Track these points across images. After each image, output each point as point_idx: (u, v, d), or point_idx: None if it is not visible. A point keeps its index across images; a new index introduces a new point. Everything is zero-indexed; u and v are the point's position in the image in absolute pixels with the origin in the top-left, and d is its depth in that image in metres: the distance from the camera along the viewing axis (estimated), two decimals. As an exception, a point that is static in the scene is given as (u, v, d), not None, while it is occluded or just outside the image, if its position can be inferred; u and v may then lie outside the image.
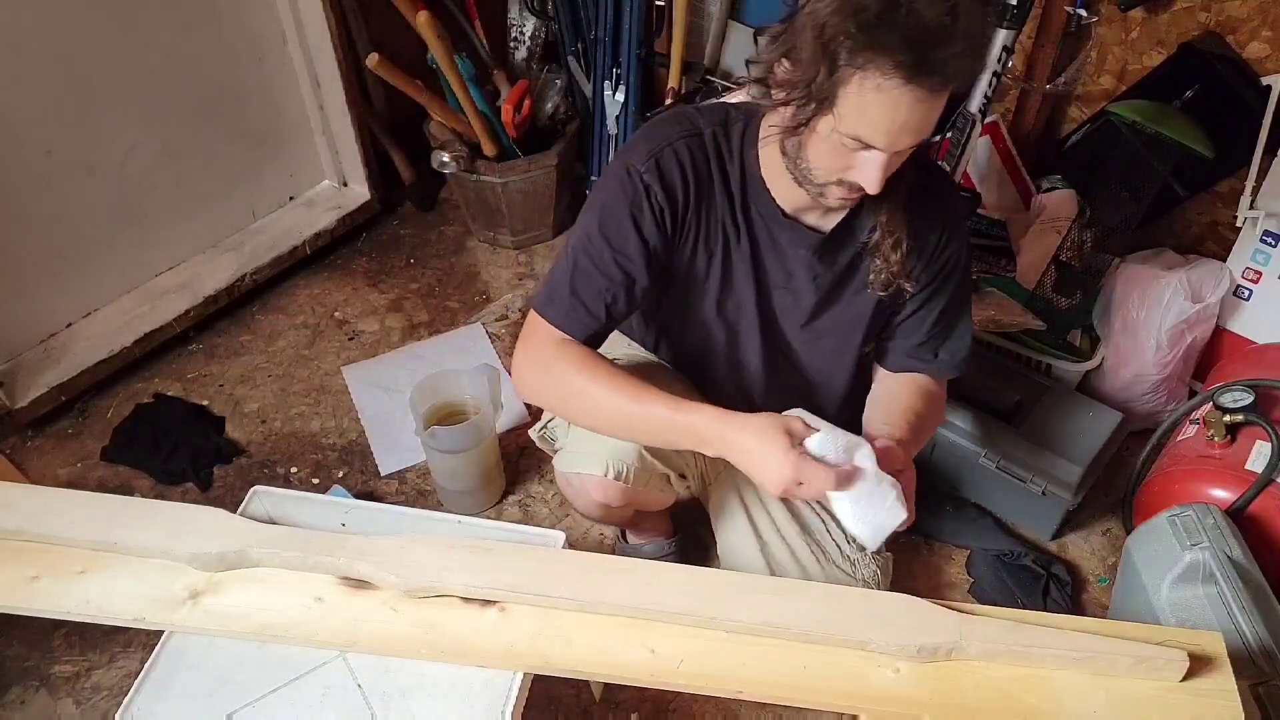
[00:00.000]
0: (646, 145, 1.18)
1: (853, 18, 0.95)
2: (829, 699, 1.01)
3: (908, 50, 0.94)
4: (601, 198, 1.20)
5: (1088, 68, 2.09)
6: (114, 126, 2.04)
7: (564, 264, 1.21)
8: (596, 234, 1.18)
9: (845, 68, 0.97)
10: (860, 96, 0.98)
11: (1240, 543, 1.47)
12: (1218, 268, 1.96)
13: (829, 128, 1.02)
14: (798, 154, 1.10)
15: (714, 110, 1.22)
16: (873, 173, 1.05)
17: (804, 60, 1.00)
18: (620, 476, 1.34)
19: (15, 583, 1.05)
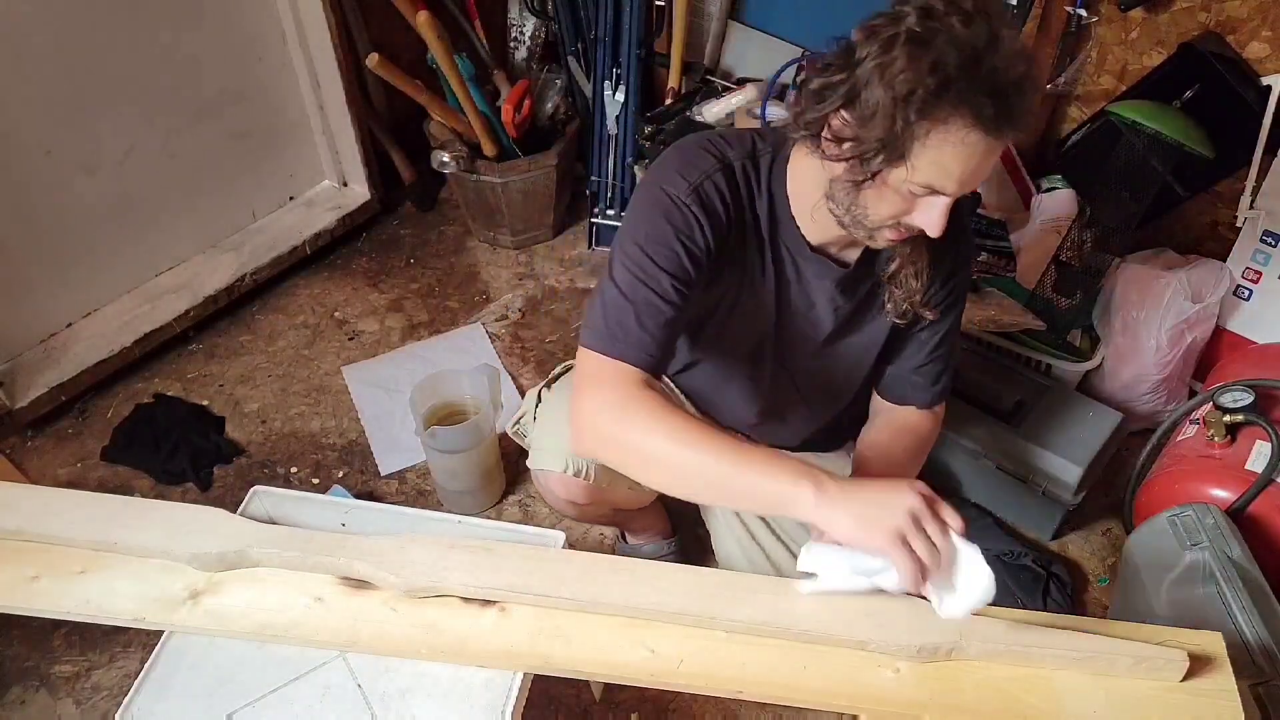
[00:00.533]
0: (683, 175, 1.14)
1: (932, 73, 0.93)
2: (829, 699, 1.01)
3: (992, 104, 0.94)
4: (647, 227, 1.13)
5: (1088, 68, 2.09)
6: (114, 126, 2.04)
7: (616, 296, 1.11)
8: (649, 263, 1.11)
9: (922, 121, 0.95)
10: (939, 149, 0.97)
11: (1240, 543, 1.47)
12: (1218, 268, 1.96)
13: (900, 179, 1.01)
14: (851, 201, 1.07)
15: (740, 140, 1.19)
16: (938, 217, 1.04)
17: (873, 115, 0.97)
18: (580, 474, 1.34)
19: (15, 583, 1.05)
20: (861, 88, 0.99)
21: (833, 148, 1.05)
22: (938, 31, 0.94)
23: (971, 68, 0.93)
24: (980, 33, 0.94)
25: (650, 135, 2.25)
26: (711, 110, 2.28)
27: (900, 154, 0.98)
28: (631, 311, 1.09)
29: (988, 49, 0.94)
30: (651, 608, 1.03)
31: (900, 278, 1.20)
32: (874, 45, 0.97)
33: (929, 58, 0.93)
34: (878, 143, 0.99)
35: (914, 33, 0.95)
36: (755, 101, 2.20)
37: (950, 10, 0.95)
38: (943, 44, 0.94)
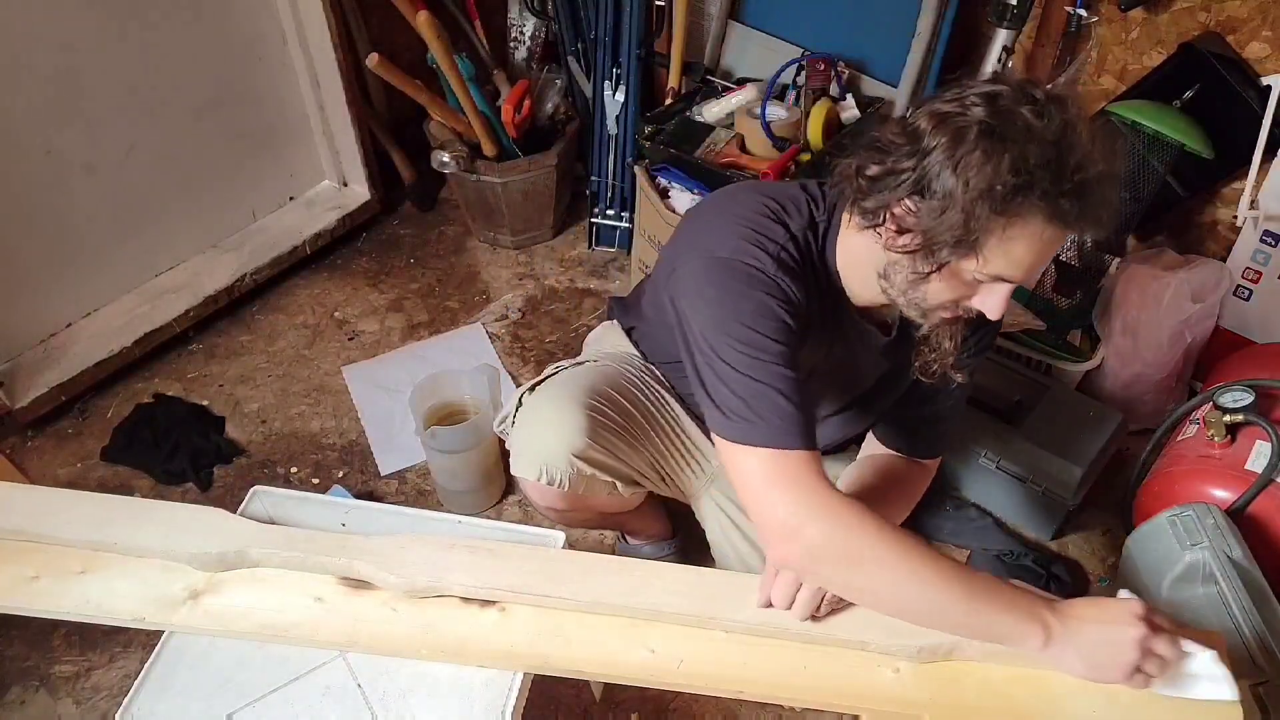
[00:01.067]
0: (762, 249, 1.09)
1: (1013, 171, 0.91)
2: (829, 699, 1.01)
3: (1073, 203, 0.93)
4: (742, 303, 1.06)
5: (1088, 68, 2.09)
6: (114, 126, 2.04)
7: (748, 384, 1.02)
8: (761, 338, 1.04)
9: (999, 217, 0.94)
10: (1014, 243, 0.96)
11: (1240, 543, 1.47)
12: (1218, 268, 1.96)
13: (969, 270, 1.00)
14: (909, 287, 1.05)
15: (797, 204, 1.16)
16: (1000, 303, 1.03)
17: (945, 208, 0.95)
18: (554, 482, 1.32)
19: (15, 583, 1.05)
20: (932, 179, 0.96)
21: (896, 237, 1.02)
22: (1011, 124, 0.92)
23: (1054, 166, 0.92)
24: (1054, 126, 0.92)
25: (650, 135, 2.25)
26: (711, 110, 2.28)
27: (972, 248, 0.96)
28: (775, 396, 1.01)
29: (1066, 145, 0.92)
30: (652, 608, 1.03)
31: (934, 340, 1.18)
32: (943, 136, 0.95)
33: (1009, 153, 0.91)
34: (950, 236, 0.96)
35: (988, 125, 0.93)
36: (755, 101, 2.20)
37: (1020, 100, 0.93)
38: (1020, 138, 0.92)
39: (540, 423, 1.34)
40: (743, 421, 1.01)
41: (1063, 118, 0.93)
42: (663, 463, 1.48)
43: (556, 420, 1.32)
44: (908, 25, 2.14)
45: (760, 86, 2.25)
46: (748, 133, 2.19)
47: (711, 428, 1.05)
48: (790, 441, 0.99)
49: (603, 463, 1.35)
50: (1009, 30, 1.94)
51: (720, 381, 1.04)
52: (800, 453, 0.99)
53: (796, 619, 1.02)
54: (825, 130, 2.13)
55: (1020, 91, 0.94)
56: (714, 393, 1.04)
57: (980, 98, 0.94)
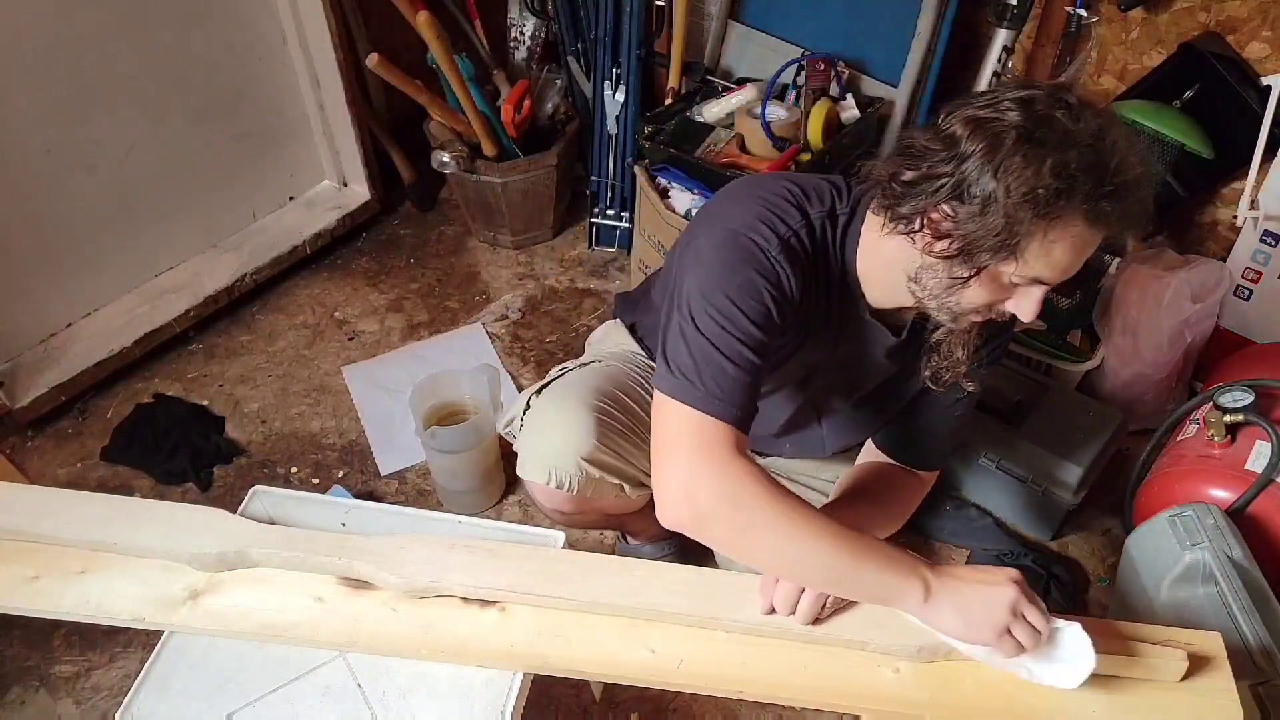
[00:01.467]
0: (771, 227, 1.09)
1: (1055, 175, 0.91)
2: (829, 699, 1.01)
3: (1113, 205, 0.93)
4: (733, 277, 1.07)
5: (1088, 68, 2.09)
6: (114, 126, 2.04)
7: (706, 349, 1.04)
8: (739, 314, 1.05)
9: (1040, 221, 0.94)
10: (1054, 245, 0.96)
11: (1240, 543, 1.47)
12: (1218, 268, 1.96)
13: (1008, 273, 1.00)
14: (944, 292, 1.05)
15: (820, 194, 1.15)
16: (1034, 305, 1.03)
17: (985, 212, 0.95)
18: (563, 485, 1.32)
19: (15, 583, 1.05)
20: (971, 183, 0.96)
21: (934, 242, 1.02)
22: (1049, 129, 0.93)
23: (1095, 169, 0.92)
24: (1090, 129, 0.93)
25: (650, 135, 2.25)
26: (711, 110, 2.28)
27: (1013, 251, 0.97)
28: (728, 367, 1.03)
29: (1105, 149, 0.93)
30: (652, 608, 1.03)
31: (945, 347, 1.18)
32: (981, 141, 0.95)
33: (1050, 157, 0.92)
34: (991, 240, 0.96)
35: (1026, 129, 0.93)
36: (755, 102, 2.20)
37: (1055, 105, 0.94)
38: (1059, 143, 0.92)
39: (548, 426, 1.34)
40: (684, 380, 1.03)
41: (1098, 122, 0.94)
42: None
43: (564, 423, 1.32)
44: (908, 25, 2.14)
45: (760, 86, 2.25)
46: (748, 133, 2.19)
47: (654, 380, 1.07)
48: (720, 411, 1.01)
49: (610, 465, 1.35)
50: (1009, 30, 1.94)
51: (682, 339, 1.05)
52: (725, 425, 1.01)
53: (799, 624, 1.02)
54: (825, 130, 2.13)
55: (1054, 97, 0.95)
56: (670, 349, 1.06)
57: (1015, 103, 0.94)
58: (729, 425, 1.01)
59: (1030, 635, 0.98)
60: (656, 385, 1.06)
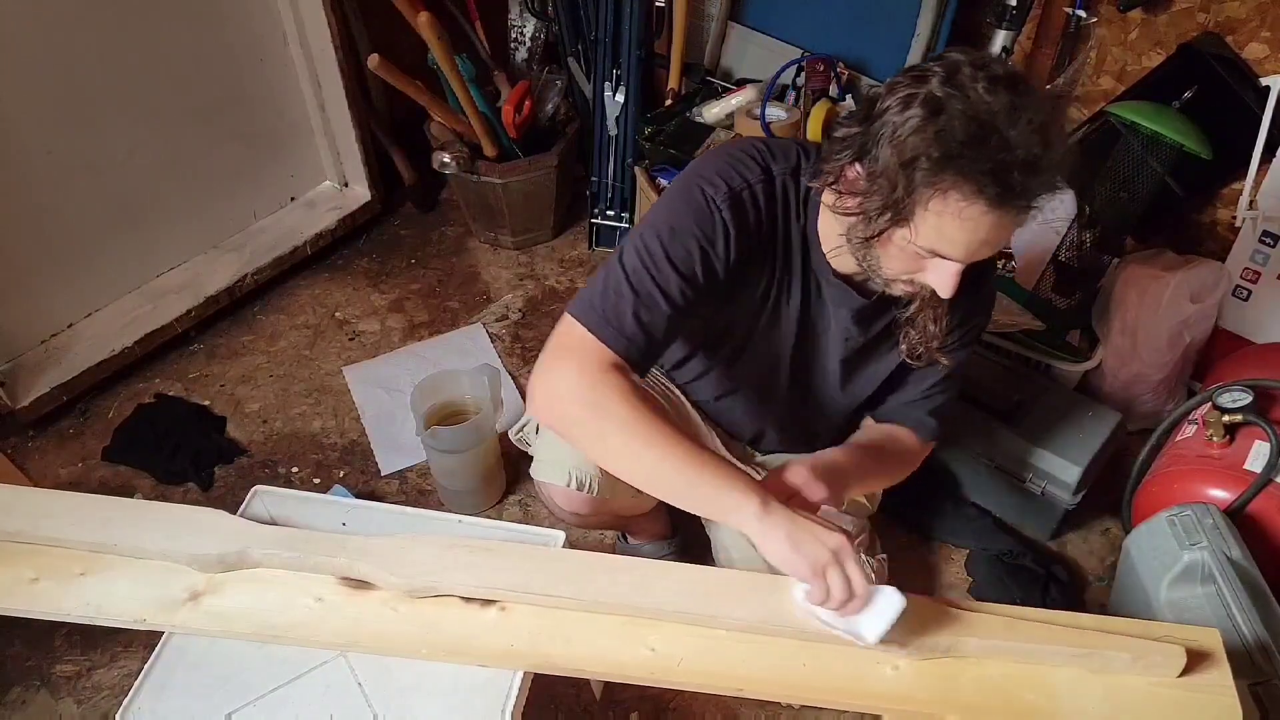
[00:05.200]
0: (724, 179, 1.12)
1: (937, 141, 0.92)
2: (828, 696, 1.01)
3: (994, 181, 0.92)
4: (671, 220, 1.11)
5: (1087, 68, 2.10)
6: (115, 127, 2.05)
7: (620, 280, 1.09)
8: (663, 256, 1.09)
9: (923, 190, 0.95)
10: (939, 218, 0.96)
11: (1239, 542, 1.48)
12: (1217, 268, 1.96)
13: (904, 240, 1.01)
14: (866, 251, 1.07)
15: (787, 153, 1.17)
16: (947, 280, 1.03)
17: (880, 173, 0.97)
18: (583, 487, 1.33)
19: (15, 585, 1.05)
20: (873, 145, 0.98)
21: (842, 200, 1.04)
22: (955, 97, 0.92)
23: (978, 142, 0.91)
24: (1000, 103, 0.92)
25: (650, 136, 2.25)
26: (711, 111, 2.29)
27: (903, 217, 0.98)
28: (631, 301, 1.07)
29: (1004, 122, 0.91)
30: (652, 607, 1.04)
31: (918, 321, 1.19)
32: (893, 101, 0.96)
33: (937, 125, 0.92)
34: (881, 203, 0.98)
35: (933, 96, 0.93)
36: (755, 103, 2.20)
37: (978, 75, 0.93)
38: (956, 112, 0.92)
39: None
40: (585, 302, 1.09)
41: (1011, 98, 0.92)
42: None
43: None
44: (907, 26, 2.15)
45: (760, 87, 2.26)
46: (747, 133, 2.19)
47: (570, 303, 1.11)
48: (608, 336, 1.07)
49: None
50: (1008, 31, 1.94)
51: (604, 269, 1.11)
52: (605, 348, 1.06)
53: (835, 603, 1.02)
54: (825, 131, 2.13)
55: (980, 67, 0.94)
56: (592, 280, 1.12)
57: (941, 68, 0.95)
58: (612, 350, 1.07)
59: (842, 585, 0.97)
60: (569, 306, 1.11)
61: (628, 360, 1.07)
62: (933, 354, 1.21)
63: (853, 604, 0.98)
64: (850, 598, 0.98)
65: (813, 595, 0.99)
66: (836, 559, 0.98)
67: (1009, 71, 0.95)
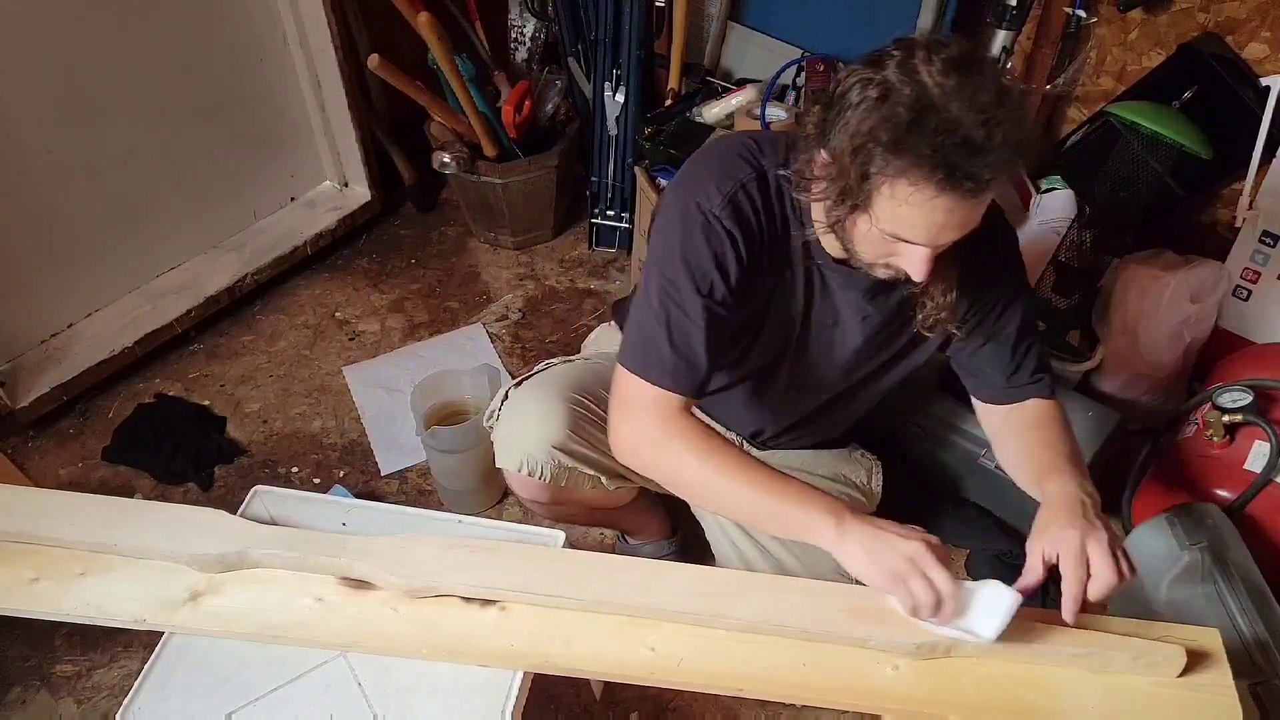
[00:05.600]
0: (717, 184, 1.12)
1: (884, 125, 0.92)
2: (828, 696, 1.01)
3: (938, 163, 0.91)
4: (680, 244, 1.11)
5: (1087, 68, 2.10)
6: (115, 127, 2.05)
7: (650, 320, 1.12)
8: (685, 283, 1.10)
9: (875, 176, 0.95)
10: (893, 201, 0.96)
11: (1239, 542, 1.48)
12: (1217, 268, 1.96)
13: (867, 225, 1.01)
14: (843, 235, 1.07)
15: (775, 147, 1.17)
16: (918, 264, 1.03)
17: (839, 160, 0.98)
18: (534, 473, 1.34)
19: (15, 585, 1.05)
20: (831, 133, 0.99)
21: (809, 185, 1.06)
22: (906, 82, 0.92)
23: (918, 127, 0.91)
24: (950, 86, 0.91)
25: (650, 136, 2.25)
26: (711, 111, 2.29)
27: (863, 203, 0.99)
28: (665, 336, 1.11)
29: (944, 102, 0.91)
30: (652, 606, 1.04)
31: (931, 291, 1.17)
32: (850, 88, 0.97)
33: (883, 112, 0.93)
34: (839, 189, 0.99)
35: (885, 81, 0.94)
36: (755, 103, 2.20)
37: (932, 58, 0.93)
38: (903, 97, 0.92)
39: (522, 415, 1.35)
40: (631, 350, 1.14)
41: (960, 80, 0.91)
42: None
43: (537, 413, 1.33)
44: (907, 26, 2.15)
45: (760, 87, 2.26)
46: (747, 133, 2.19)
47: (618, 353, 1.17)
48: (658, 378, 1.11)
49: (584, 455, 1.36)
50: (1008, 31, 1.94)
51: (636, 312, 1.15)
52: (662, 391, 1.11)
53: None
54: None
55: (936, 49, 0.94)
56: (629, 324, 1.17)
57: (898, 51, 0.95)
58: (669, 391, 1.11)
59: (925, 590, 0.97)
60: (618, 358, 1.16)
61: (681, 392, 1.12)
62: (946, 324, 1.20)
63: (946, 606, 0.98)
64: (939, 601, 0.97)
65: (901, 604, 0.99)
66: (915, 565, 0.98)
67: (963, 52, 0.94)
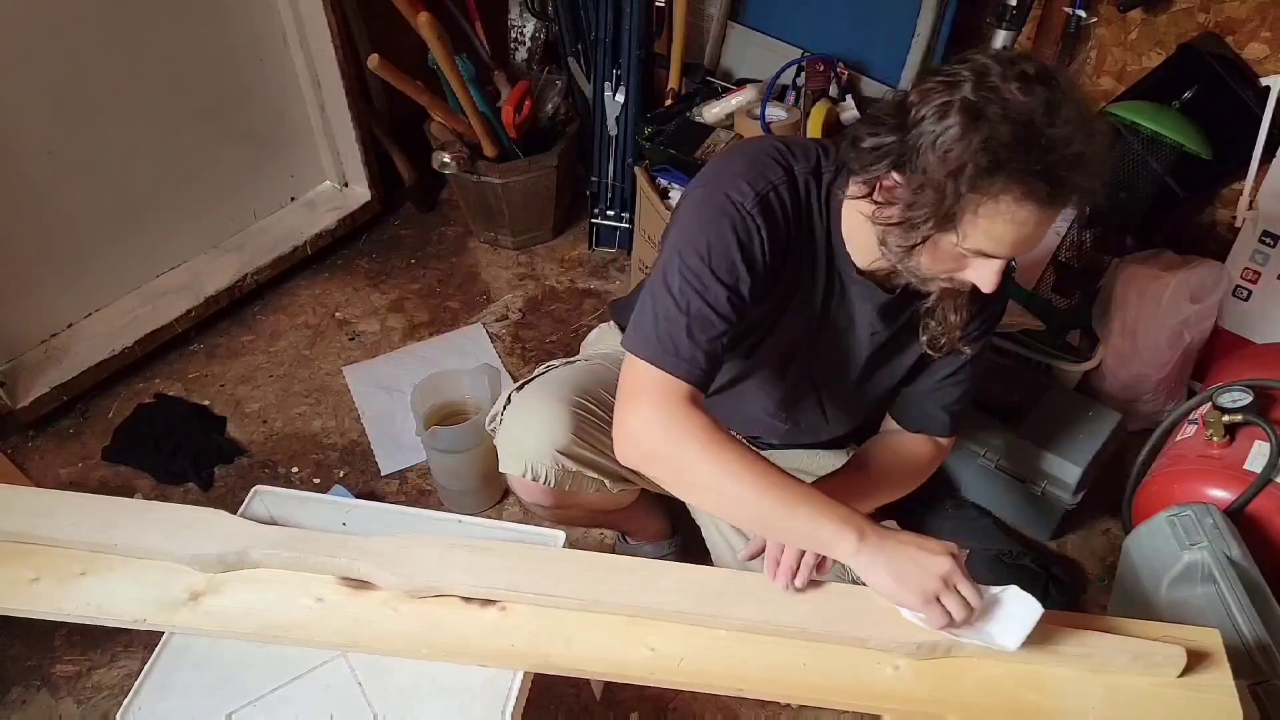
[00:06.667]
0: (749, 183, 1.10)
1: (985, 147, 0.91)
2: (828, 696, 1.01)
3: (1044, 180, 0.92)
4: (707, 233, 1.09)
5: (1087, 69, 2.10)
6: (115, 127, 2.05)
7: (669, 306, 1.08)
8: (707, 272, 1.07)
9: (972, 195, 0.94)
10: (989, 220, 0.96)
11: (1239, 543, 1.48)
12: (1217, 268, 1.96)
13: (950, 243, 1.00)
14: (904, 256, 1.06)
15: (807, 152, 1.16)
16: (990, 276, 1.03)
17: (923, 181, 0.97)
18: (538, 478, 1.33)
19: (15, 585, 1.05)
20: (913, 154, 0.97)
21: (882, 210, 1.03)
22: (992, 101, 0.92)
23: (1025, 145, 0.91)
24: (1038, 102, 0.92)
25: (650, 136, 2.25)
26: (711, 111, 2.29)
27: (950, 223, 0.97)
28: (684, 324, 1.07)
29: (1045, 122, 0.91)
30: (652, 606, 1.04)
31: (939, 312, 1.18)
32: (929, 109, 0.95)
33: (982, 132, 0.92)
34: (927, 211, 0.97)
35: (968, 102, 0.93)
36: (755, 103, 2.20)
37: (1008, 75, 0.93)
38: (996, 116, 0.92)
39: (525, 420, 1.34)
40: (641, 337, 1.09)
41: (1047, 95, 0.92)
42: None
43: (541, 417, 1.33)
44: (907, 26, 2.15)
45: (760, 87, 2.26)
46: (747, 134, 2.19)
47: (623, 337, 1.12)
48: (672, 366, 1.06)
49: (588, 459, 1.36)
50: (1008, 31, 1.94)
51: (650, 298, 1.10)
52: (675, 379, 1.06)
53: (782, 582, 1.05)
54: (825, 131, 2.13)
55: (1010, 66, 0.94)
56: (639, 307, 1.11)
57: (970, 73, 0.95)
58: (683, 380, 1.06)
59: (960, 606, 0.98)
60: (624, 342, 1.11)
61: (693, 383, 1.07)
62: (954, 343, 1.21)
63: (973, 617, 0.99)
64: (969, 614, 0.98)
65: (931, 622, 0.99)
66: (947, 583, 0.98)
67: (1039, 68, 0.95)
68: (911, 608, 1.00)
